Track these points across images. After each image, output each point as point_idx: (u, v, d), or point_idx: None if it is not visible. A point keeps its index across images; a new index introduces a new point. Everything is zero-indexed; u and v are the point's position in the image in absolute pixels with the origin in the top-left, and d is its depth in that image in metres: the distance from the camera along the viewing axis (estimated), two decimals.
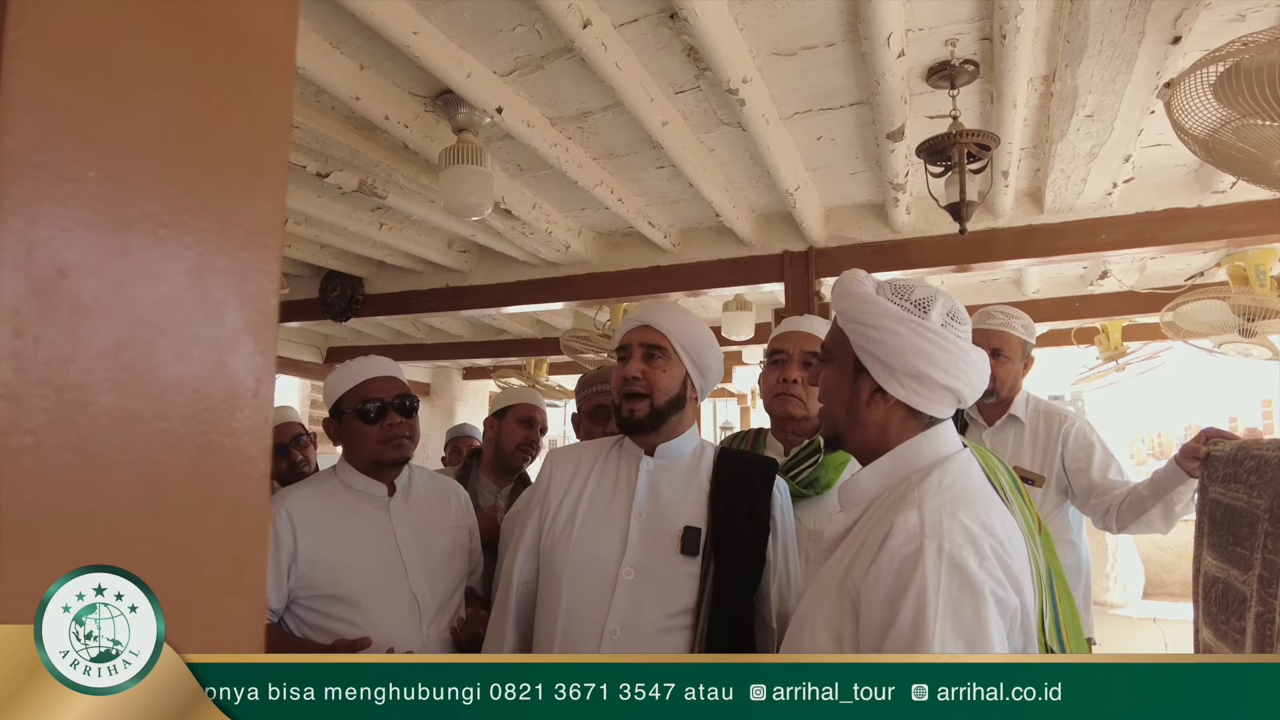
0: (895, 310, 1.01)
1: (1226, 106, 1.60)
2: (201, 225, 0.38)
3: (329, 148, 2.59)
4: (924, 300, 1.02)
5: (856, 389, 1.05)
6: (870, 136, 2.54)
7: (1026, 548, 0.96)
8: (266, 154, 0.43)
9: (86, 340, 0.33)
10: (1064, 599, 1.11)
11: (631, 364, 1.45)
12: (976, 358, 1.03)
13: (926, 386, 1.01)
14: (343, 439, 1.73)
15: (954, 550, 0.87)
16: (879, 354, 1.01)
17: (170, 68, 0.39)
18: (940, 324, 1.01)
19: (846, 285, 1.07)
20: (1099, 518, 2.12)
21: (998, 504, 0.99)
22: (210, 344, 0.38)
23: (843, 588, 0.94)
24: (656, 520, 1.42)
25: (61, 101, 0.33)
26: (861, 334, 1.03)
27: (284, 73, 0.44)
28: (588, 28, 1.81)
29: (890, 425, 1.04)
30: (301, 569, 1.60)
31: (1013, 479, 1.17)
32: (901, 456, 1.02)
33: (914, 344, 0.99)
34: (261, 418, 0.40)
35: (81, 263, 0.33)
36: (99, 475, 0.34)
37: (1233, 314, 3.50)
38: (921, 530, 0.89)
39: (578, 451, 1.57)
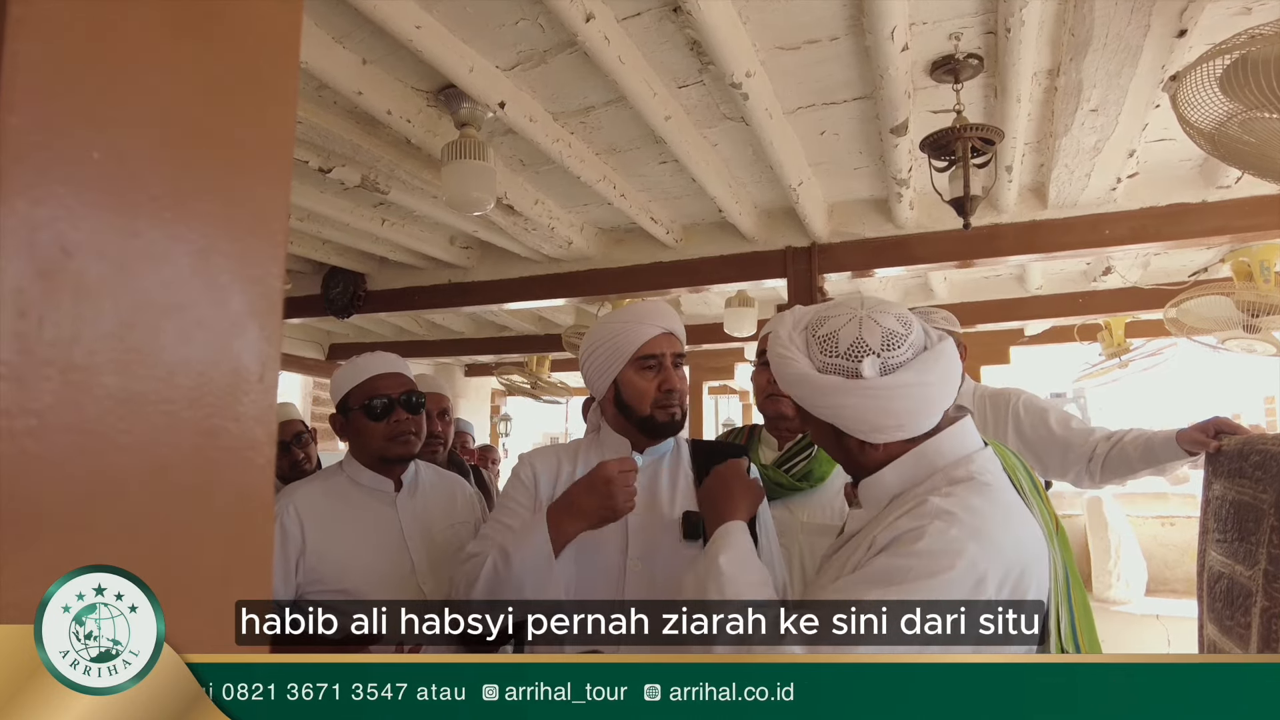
0: (834, 382, 0.97)
1: (1232, 100, 1.60)
2: (206, 210, 0.38)
3: (331, 143, 2.59)
4: (852, 349, 0.97)
5: (844, 444, 1.03)
6: (874, 131, 2.54)
7: (1046, 549, 0.96)
8: (271, 141, 0.42)
9: (91, 321, 0.33)
10: (1079, 601, 1.10)
11: (675, 377, 1.44)
12: (935, 374, 0.97)
13: (900, 429, 0.98)
14: (349, 435, 1.73)
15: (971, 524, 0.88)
16: (843, 425, 0.99)
17: (176, 52, 0.39)
18: (880, 373, 0.96)
19: (777, 363, 1.04)
20: (1081, 470, 2.06)
21: (1019, 503, 0.97)
22: (215, 328, 0.38)
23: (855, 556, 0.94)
24: (653, 512, 1.43)
25: (65, 82, 0.33)
26: (817, 412, 1.01)
27: (289, 61, 0.44)
28: (590, 21, 1.81)
29: (893, 452, 1.01)
30: (309, 564, 1.61)
31: (1031, 477, 1.16)
32: (924, 455, 1.00)
33: (867, 408, 0.96)
34: (266, 403, 0.40)
35: (86, 244, 0.33)
36: (103, 458, 0.33)
37: (1237, 310, 3.49)
38: (949, 512, 0.90)
39: (554, 452, 1.56)
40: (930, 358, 0.98)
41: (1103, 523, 5.31)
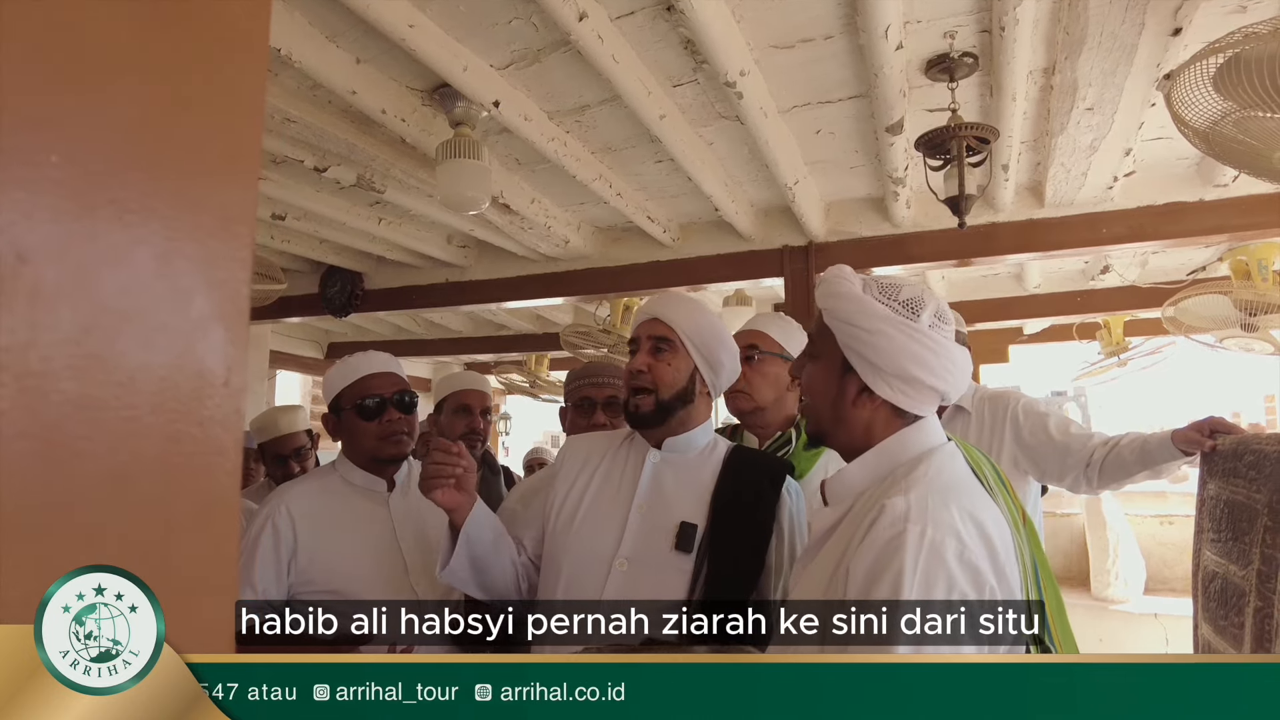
0: (885, 312, 1.01)
1: (1227, 98, 1.59)
2: (169, 212, 0.38)
3: (326, 142, 2.59)
4: (913, 301, 1.02)
5: (843, 387, 1.04)
6: (869, 130, 2.53)
7: (1013, 538, 0.97)
8: (237, 143, 0.42)
9: (48, 327, 0.32)
10: (1050, 590, 1.12)
11: (638, 357, 1.45)
12: (961, 358, 1.03)
13: (913, 387, 1.01)
14: (342, 435, 1.73)
15: (936, 536, 0.88)
16: (868, 355, 1.01)
17: (139, 54, 0.39)
18: (929, 325, 1.01)
19: (834, 284, 1.06)
20: (1079, 476, 2.06)
21: (983, 495, 0.99)
22: (178, 331, 0.37)
23: (833, 578, 0.94)
24: (656, 514, 1.41)
25: (21, 86, 0.33)
26: (850, 335, 1.02)
27: (256, 61, 0.44)
28: (584, 20, 1.81)
29: (875, 423, 1.04)
30: (301, 564, 1.61)
31: (996, 471, 1.18)
32: (888, 450, 1.03)
33: (904, 347, 0.99)
34: (233, 407, 0.40)
35: (42, 248, 0.33)
36: (62, 465, 0.33)
37: (1235, 309, 3.49)
38: (907, 515, 0.90)
39: (591, 442, 1.57)
40: (962, 354, 1.04)
41: (1101, 521, 5.31)
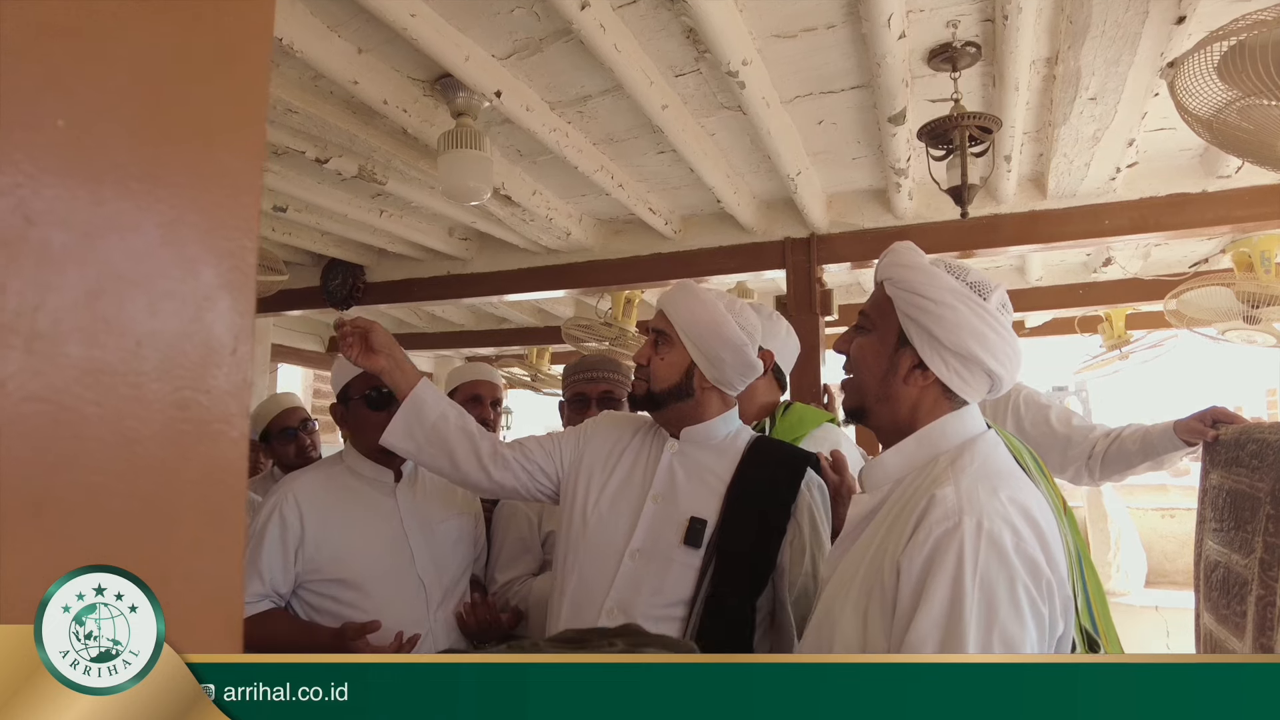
0: (956, 285, 0.98)
1: (1231, 86, 1.58)
2: (176, 180, 0.38)
3: (328, 133, 2.58)
4: (981, 284, 1.00)
5: (895, 361, 1.01)
6: (872, 120, 2.53)
7: (1058, 526, 0.96)
8: (244, 111, 0.42)
9: (56, 290, 0.32)
10: (1091, 578, 1.10)
11: (641, 349, 1.46)
12: (1021, 348, 1.01)
13: (969, 369, 0.98)
14: (349, 425, 1.74)
15: (992, 528, 0.86)
16: (931, 328, 0.98)
17: (147, 19, 0.38)
18: (997, 308, 0.99)
19: (902, 254, 1.04)
20: (1081, 468, 2.06)
21: (1028, 483, 0.97)
22: (186, 299, 0.37)
23: (874, 565, 0.93)
24: (670, 506, 1.39)
25: (27, 48, 0.33)
26: (915, 305, 0.99)
27: (262, 29, 0.44)
28: (586, 9, 1.80)
29: (922, 403, 1.01)
30: (308, 553, 1.61)
31: (1035, 460, 1.16)
32: (928, 438, 1.00)
33: (970, 323, 0.97)
34: (240, 377, 0.40)
35: (49, 211, 0.33)
36: (70, 428, 0.33)
37: (1237, 301, 3.48)
38: (960, 506, 0.87)
39: (622, 424, 1.56)
40: (1021, 345, 1.04)
41: (1103, 514, 5.31)
